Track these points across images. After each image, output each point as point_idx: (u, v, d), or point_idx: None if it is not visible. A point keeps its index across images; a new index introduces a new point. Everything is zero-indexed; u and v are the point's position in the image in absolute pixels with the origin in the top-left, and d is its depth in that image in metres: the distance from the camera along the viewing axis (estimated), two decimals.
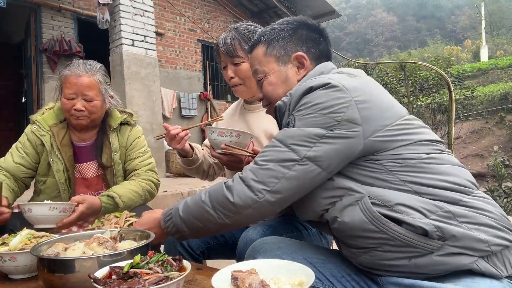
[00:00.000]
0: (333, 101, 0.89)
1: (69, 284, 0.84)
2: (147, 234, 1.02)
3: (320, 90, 0.92)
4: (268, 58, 1.11)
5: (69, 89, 1.58)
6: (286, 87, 1.09)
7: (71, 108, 1.59)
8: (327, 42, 1.14)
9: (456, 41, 45.60)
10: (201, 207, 0.95)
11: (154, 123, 5.36)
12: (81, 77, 1.58)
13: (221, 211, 0.93)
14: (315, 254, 1.01)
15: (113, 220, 1.27)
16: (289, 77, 1.10)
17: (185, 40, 8.05)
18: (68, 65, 1.65)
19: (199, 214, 0.96)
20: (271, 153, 0.92)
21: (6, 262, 1.01)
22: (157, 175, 1.79)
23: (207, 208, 0.94)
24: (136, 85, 5.15)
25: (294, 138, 0.90)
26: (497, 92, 16.37)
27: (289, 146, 0.90)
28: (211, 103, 8.26)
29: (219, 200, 0.93)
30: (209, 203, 0.94)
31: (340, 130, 0.88)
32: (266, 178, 0.89)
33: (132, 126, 1.80)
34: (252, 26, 1.54)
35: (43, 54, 5.99)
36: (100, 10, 5.06)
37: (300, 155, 0.88)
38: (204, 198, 0.95)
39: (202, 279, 0.97)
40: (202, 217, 0.96)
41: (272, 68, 1.11)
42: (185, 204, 1.00)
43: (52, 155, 1.63)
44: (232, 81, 1.51)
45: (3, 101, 7.65)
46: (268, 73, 1.11)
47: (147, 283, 0.72)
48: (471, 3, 41.93)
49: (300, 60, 1.09)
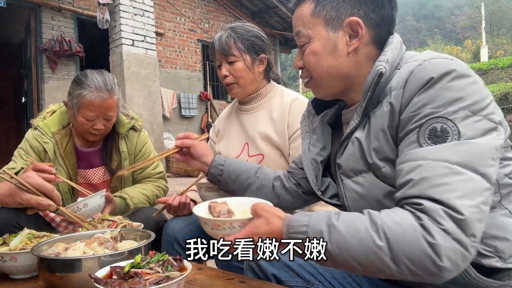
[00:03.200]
0: (484, 98, 0.72)
1: (70, 284, 0.85)
2: (147, 234, 1.02)
3: (459, 79, 0.72)
4: (316, 20, 0.91)
5: (92, 112, 1.51)
6: (334, 60, 0.90)
7: (90, 127, 1.55)
8: (392, 5, 0.91)
9: (456, 41, 45.59)
10: (372, 252, 0.67)
11: (154, 123, 5.36)
12: (106, 101, 1.51)
13: (409, 269, 0.65)
14: None
15: (105, 223, 1.27)
16: (339, 47, 0.90)
17: (185, 40, 8.05)
18: (85, 82, 1.50)
19: (365, 257, 0.68)
20: (461, 185, 0.66)
21: (7, 262, 1.01)
22: (166, 182, 1.81)
23: (383, 257, 0.66)
24: (136, 85, 5.15)
25: (481, 158, 0.68)
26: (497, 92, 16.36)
27: (478, 171, 0.67)
28: (211, 103, 8.26)
29: (415, 258, 0.65)
30: (389, 252, 0.66)
31: (503, 135, 0.73)
32: (473, 225, 0.65)
33: (139, 132, 1.77)
34: (248, 26, 1.54)
35: (43, 54, 5.99)
36: (100, 10, 5.06)
37: (492, 181, 0.68)
38: (381, 243, 0.67)
39: (202, 279, 0.97)
40: (368, 262, 0.68)
41: (319, 33, 0.91)
42: (336, 233, 0.71)
43: (55, 164, 1.59)
44: (226, 80, 1.51)
45: (3, 101, 7.64)
46: (313, 38, 0.91)
47: (147, 283, 0.72)
48: (471, 3, 41.92)
49: (354, 28, 0.88)
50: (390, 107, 0.79)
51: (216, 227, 0.83)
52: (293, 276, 0.94)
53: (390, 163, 0.80)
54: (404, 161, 0.73)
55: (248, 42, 1.49)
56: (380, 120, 0.81)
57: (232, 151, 1.55)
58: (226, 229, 0.82)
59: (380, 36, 0.89)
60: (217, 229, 0.83)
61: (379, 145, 0.81)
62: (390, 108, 0.79)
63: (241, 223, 0.82)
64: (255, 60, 1.51)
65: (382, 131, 0.80)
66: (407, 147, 0.74)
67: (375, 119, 0.83)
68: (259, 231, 0.77)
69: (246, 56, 1.48)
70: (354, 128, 0.88)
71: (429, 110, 0.72)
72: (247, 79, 1.51)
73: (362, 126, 0.87)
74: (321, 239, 0.71)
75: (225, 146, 1.60)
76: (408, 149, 0.74)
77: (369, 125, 0.85)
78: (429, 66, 0.75)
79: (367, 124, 0.85)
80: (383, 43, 0.89)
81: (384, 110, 0.80)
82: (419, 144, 0.72)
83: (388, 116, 0.79)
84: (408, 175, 0.71)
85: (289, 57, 32.42)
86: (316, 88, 0.98)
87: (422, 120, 0.72)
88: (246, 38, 1.49)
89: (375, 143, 0.82)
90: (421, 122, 0.73)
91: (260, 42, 1.52)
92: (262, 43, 1.53)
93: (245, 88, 1.52)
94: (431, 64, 0.75)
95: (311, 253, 0.72)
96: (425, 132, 0.72)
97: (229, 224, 0.83)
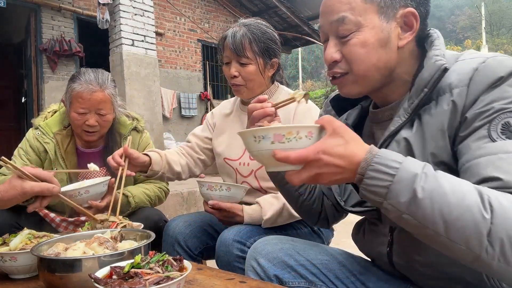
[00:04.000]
0: None
1: (69, 284, 0.84)
2: (147, 234, 1.02)
3: None
4: (369, 6, 0.78)
5: (82, 105, 1.51)
6: (384, 54, 0.80)
7: (83, 123, 1.53)
8: (429, 1, 0.84)
9: (456, 41, 45.58)
10: (469, 216, 0.59)
11: (154, 123, 5.36)
12: (95, 93, 1.50)
13: (503, 249, 0.58)
14: (319, 255, 0.98)
15: (106, 223, 1.27)
16: (391, 39, 0.79)
17: (185, 40, 8.05)
18: (77, 77, 1.53)
19: (458, 223, 0.59)
20: None
21: (7, 262, 1.01)
22: (168, 184, 1.81)
23: (481, 230, 0.58)
24: (136, 85, 5.15)
25: None
26: None
27: None
28: (211, 103, 8.26)
29: None
30: (489, 226, 0.58)
31: None
32: None
33: (141, 133, 1.76)
34: (264, 26, 1.47)
35: (43, 54, 5.99)
36: (100, 10, 5.06)
37: None
38: (486, 214, 0.58)
39: (202, 279, 0.97)
40: (457, 229, 0.60)
41: (371, 21, 0.78)
42: (435, 182, 0.61)
43: (56, 164, 1.59)
44: (234, 80, 1.46)
45: (3, 101, 7.64)
46: (365, 27, 0.78)
47: (147, 283, 0.71)
48: (471, 3, 41.91)
49: (408, 20, 0.79)
50: (452, 106, 0.73)
51: (278, 138, 0.66)
52: (295, 277, 0.94)
53: (445, 166, 0.74)
54: (479, 156, 0.67)
55: (263, 46, 1.42)
56: (439, 119, 0.75)
57: (232, 153, 1.53)
58: (292, 140, 0.66)
59: (422, 31, 0.83)
60: (280, 141, 0.66)
61: (437, 148, 0.75)
62: (452, 106, 0.73)
63: (308, 132, 0.67)
64: (267, 64, 1.46)
65: (441, 131, 0.74)
66: (475, 142, 0.69)
67: (431, 118, 0.76)
68: (332, 151, 0.64)
69: (260, 60, 1.43)
70: (400, 127, 0.80)
71: (499, 106, 0.68)
72: (256, 82, 1.46)
73: (408, 125, 0.80)
74: (413, 182, 0.62)
75: (225, 146, 1.56)
76: (478, 144, 0.68)
77: (421, 124, 0.78)
78: (495, 64, 0.72)
79: (416, 123, 0.79)
80: (421, 40, 0.84)
81: (444, 109, 0.74)
82: (491, 139, 0.67)
83: (448, 115, 0.73)
84: (489, 169, 0.65)
85: (289, 57, 32.37)
86: (351, 84, 0.85)
87: (492, 116, 0.68)
88: (262, 41, 1.42)
89: (432, 145, 0.75)
90: (491, 117, 0.68)
91: (275, 46, 1.47)
92: (276, 46, 1.47)
93: (252, 90, 1.48)
94: (496, 62, 0.72)
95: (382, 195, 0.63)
96: (497, 126, 0.68)
97: (296, 132, 0.66)
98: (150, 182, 1.74)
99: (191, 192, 4.00)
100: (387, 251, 0.89)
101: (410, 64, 0.84)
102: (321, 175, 0.66)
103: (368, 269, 0.98)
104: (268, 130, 0.67)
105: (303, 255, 0.97)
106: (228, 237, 1.27)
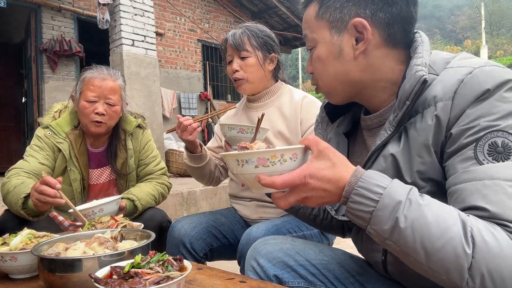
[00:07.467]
0: None
1: (70, 284, 0.84)
2: (147, 234, 1.02)
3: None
4: (320, 22, 0.83)
5: (93, 92, 1.56)
6: (340, 66, 0.82)
7: (92, 111, 1.56)
8: (408, 0, 0.80)
9: (456, 41, 45.60)
10: (451, 248, 0.58)
11: (154, 123, 5.36)
12: (106, 80, 1.58)
13: (483, 281, 0.57)
14: (318, 255, 0.99)
15: (106, 224, 1.27)
16: (344, 51, 0.81)
17: (185, 40, 8.05)
18: (89, 68, 1.63)
19: (438, 256, 0.59)
20: None
21: (7, 262, 1.01)
22: (169, 178, 1.83)
23: (463, 263, 0.57)
24: (136, 85, 5.15)
25: None
26: None
27: None
28: (211, 103, 8.26)
29: (497, 273, 0.56)
30: (471, 261, 0.57)
31: None
32: None
33: (144, 129, 1.81)
34: (261, 26, 1.60)
35: (43, 54, 5.99)
36: (100, 10, 5.06)
37: None
38: (468, 249, 0.57)
39: (202, 279, 0.97)
40: (437, 261, 0.59)
41: (323, 36, 0.83)
42: (419, 212, 0.61)
43: (69, 164, 1.60)
44: (235, 75, 1.54)
45: (3, 101, 7.64)
46: (318, 42, 0.84)
47: (147, 283, 0.71)
48: (471, 3, 41.91)
49: (359, 29, 0.79)
50: (436, 120, 0.70)
51: (262, 162, 0.65)
52: (295, 277, 0.94)
53: (434, 182, 0.72)
54: (465, 180, 0.64)
55: (261, 40, 1.54)
56: (423, 134, 0.72)
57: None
58: (276, 164, 0.65)
59: (394, 36, 0.80)
60: (264, 165, 0.65)
61: (424, 164, 0.72)
62: (435, 121, 0.70)
63: (293, 154, 0.65)
64: (266, 58, 1.56)
65: (425, 147, 0.72)
66: (461, 163, 0.66)
67: (416, 133, 0.74)
68: (319, 174, 0.64)
69: (258, 52, 1.53)
70: (387, 140, 0.78)
71: (486, 123, 0.65)
72: (257, 76, 1.54)
73: (396, 139, 0.78)
74: (396, 210, 0.61)
75: None
76: (464, 166, 0.65)
77: (407, 138, 0.76)
78: (482, 76, 0.68)
79: (402, 137, 0.76)
80: (403, 43, 0.82)
81: (428, 123, 0.71)
82: (478, 161, 0.64)
83: (433, 130, 0.71)
84: (475, 197, 0.62)
85: (289, 57, 32.37)
86: (327, 95, 0.90)
87: (478, 134, 0.65)
88: (260, 36, 1.55)
89: (419, 161, 0.73)
90: (477, 136, 0.65)
91: (272, 42, 1.58)
92: (274, 43, 1.59)
93: (253, 84, 1.55)
94: (483, 73, 0.68)
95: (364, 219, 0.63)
96: (483, 147, 0.64)
97: (280, 155, 0.65)
98: (151, 179, 1.76)
99: (191, 192, 4.00)
100: (382, 260, 0.88)
101: (390, 71, 0.82)
102: (308, 198, 0.66)
103: (367, 270, 0.98)
104: (252, 154, 0.66)
105: (302, 255, 0.97)
106: (256, 235, 1.26)
